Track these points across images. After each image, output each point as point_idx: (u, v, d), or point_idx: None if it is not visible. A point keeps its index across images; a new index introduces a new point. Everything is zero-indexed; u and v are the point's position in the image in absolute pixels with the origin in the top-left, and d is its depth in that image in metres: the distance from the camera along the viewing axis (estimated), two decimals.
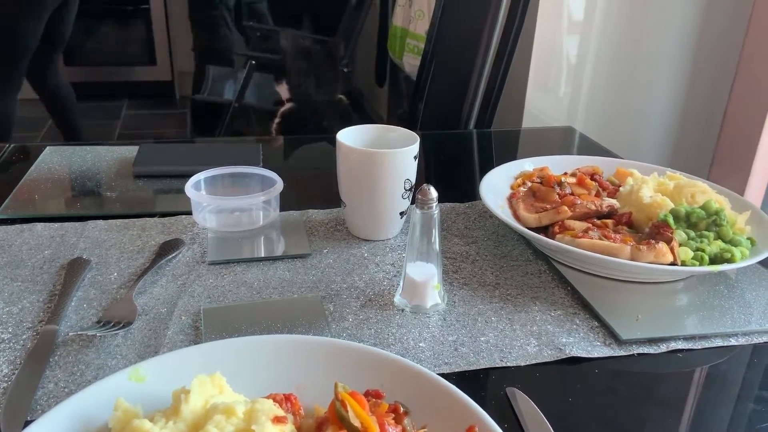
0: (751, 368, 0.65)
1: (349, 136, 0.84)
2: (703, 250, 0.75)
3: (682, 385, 0.63)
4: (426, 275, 0.69)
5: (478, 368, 0.62)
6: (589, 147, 1.27)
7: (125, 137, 3.77)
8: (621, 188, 0.89)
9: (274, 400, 0.47)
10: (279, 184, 0.87)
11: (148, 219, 0.88)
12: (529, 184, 0.91)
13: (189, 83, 4.25)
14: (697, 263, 0.74)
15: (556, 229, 0.81)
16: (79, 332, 0.63)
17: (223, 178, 0.90)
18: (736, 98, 1.90)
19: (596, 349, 0.65)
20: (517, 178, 0.94)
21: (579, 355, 0.64)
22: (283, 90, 2.20)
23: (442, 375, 0.56)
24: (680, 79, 1.97)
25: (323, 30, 3.14)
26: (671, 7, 1.88)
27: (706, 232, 0.78)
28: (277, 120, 2.17)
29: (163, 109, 4.30)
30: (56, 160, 1.06)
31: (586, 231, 0.78)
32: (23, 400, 0.54)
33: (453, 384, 0.51)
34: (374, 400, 0.48)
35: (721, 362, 0.65)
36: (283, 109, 2.04)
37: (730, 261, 0.74)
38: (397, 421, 0.47)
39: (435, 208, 0.67)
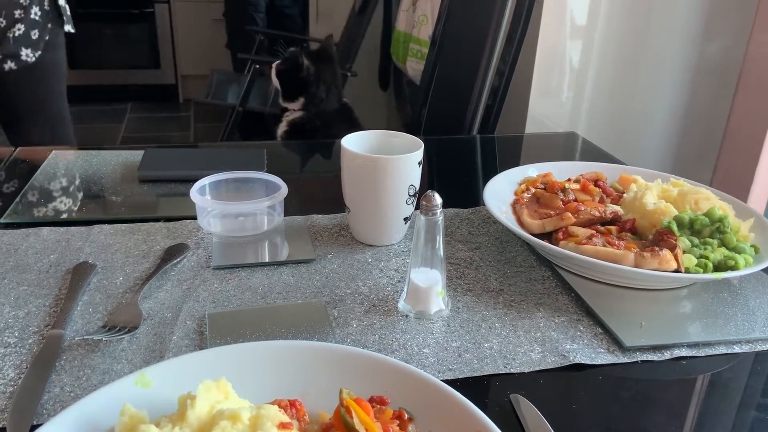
0: (755, 376, 0.65)
1: (353, 142, 0.84)
2: (706, 258, 0.75)
3: (686, 392, 0.63)
4: (430, 281, 0.69)
5: (481, 374, 0.62)
6: (592, 152, 1.27)
7: (129, 140, 3.78)
8: (625, 195, 0.89)
9: (279, 406, 0.47)
10: (283, 189, 0.87)
11: (153, 223, 0.88)
12: (533, 190, 0.91)
13: (193, 86, 4.27)
14: (701, 270, 0.74)
15: (560, 235, 0.81)
16: (85, 337, 0.64)
17: (228, 183, 0.90)
18: (739, 104, 1.90)
19: (600, 355, 0.65)
20: (520, 184, 0.94)
21: (583, 361, 0.64)
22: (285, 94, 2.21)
23: (446, 381, 0.56)
24: (683, 84, 1.97)
25: (326, 34, 3.15)
26: (674, 12, 1.89)
27: (710, 240, 0.78)
28: (280, 124, 2.17)
29: (167, 112, 4.32)
30: (61, 164, 1.06)
31: (589, 237, 0.78)
32: (29, 405, 0.54)
33: (457, 390, 0.51)
34: (379, 406, 0.48)
35: (724, 369, 0.65)
36: (286, 113, 2.04)
37: (733, 268, 0.74)
38: (402, 427, 0.47)
39: (439, 215, 0.67)
